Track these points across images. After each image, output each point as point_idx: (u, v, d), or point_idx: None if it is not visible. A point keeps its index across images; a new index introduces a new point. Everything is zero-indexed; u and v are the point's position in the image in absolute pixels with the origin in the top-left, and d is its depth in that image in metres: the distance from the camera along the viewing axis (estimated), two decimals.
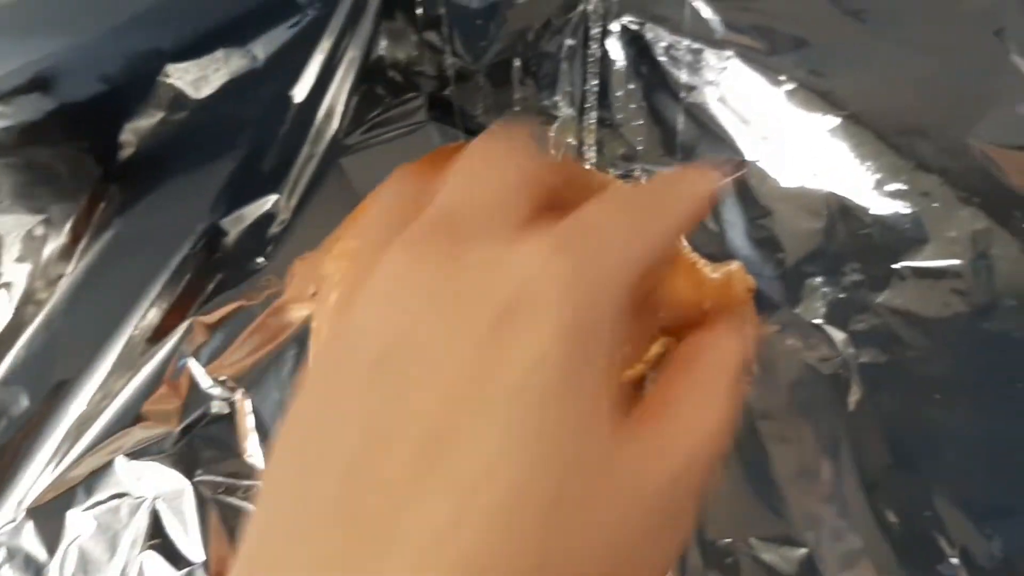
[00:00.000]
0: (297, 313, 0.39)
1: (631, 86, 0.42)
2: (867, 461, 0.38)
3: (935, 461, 0.37)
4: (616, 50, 0.42)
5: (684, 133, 0.41)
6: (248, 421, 0.39)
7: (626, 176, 0.41)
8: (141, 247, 0.41)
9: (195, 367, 0.39)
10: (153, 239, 0.41)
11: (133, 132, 0.42)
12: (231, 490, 0.39)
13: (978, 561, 0.37)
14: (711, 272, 0.37)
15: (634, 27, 0.42)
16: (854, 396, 0.38)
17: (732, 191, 0.41)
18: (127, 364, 0.39)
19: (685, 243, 0.38)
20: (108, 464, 0.39)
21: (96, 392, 0.40)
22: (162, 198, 0.42)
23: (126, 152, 0.42)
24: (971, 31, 0.40)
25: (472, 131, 0.42)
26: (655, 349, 0.37)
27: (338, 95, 0.42)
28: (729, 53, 0.41)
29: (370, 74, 0.42)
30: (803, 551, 0.37)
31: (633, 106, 0.42)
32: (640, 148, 0.41)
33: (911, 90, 0.40)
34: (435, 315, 0.17)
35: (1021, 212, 0.39)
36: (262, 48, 0.42)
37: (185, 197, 0.41)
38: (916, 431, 0.38)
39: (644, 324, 0.37)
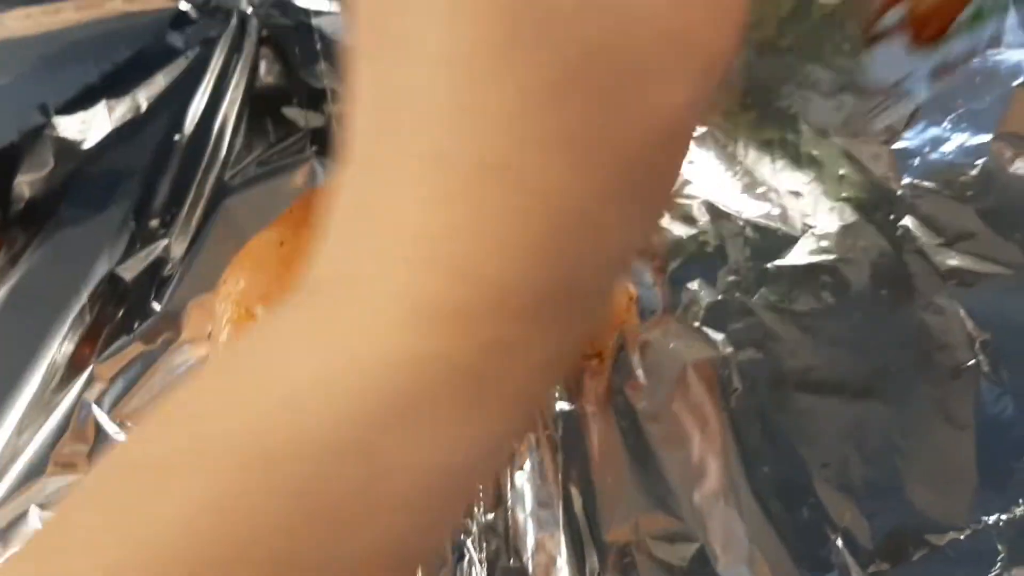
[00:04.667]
0: (194, 353, 0.40)
1: None
2: (751, 454, 0.39)
3: (813, 448, 0.39)
4: None
5: None
6: None
7: None
8: (37, 299, 0.41)
9: (99, 414, 0.40)
10: (49, 290, 0.41)
11: (25, 184, 0.43)
12: None
13: (860, 542, 0.38)
14: None
15: None
16: (735, 393, 0.40)
17: None
18: (30, 415, 0.40)
19: None
20: (23, 515, 0.40)
21: (2, 444, 0.40)
22: (56, 249, 0.42)
23: (19, 205, 0.43)
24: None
25: None
26: None
27: (222, 135, 0.43)
28: None
29: (253, 112, 0.43)
30: (695, 545, 0.39)
31: None
32: None
33: (771, 94, 0.42)
34: None
35: (887, 205, 0.41)
36: (144, 94, 0.43)
37: (80, 246, 0.42)
38: (793, 421, 0.39)
39: None
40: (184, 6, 0.42)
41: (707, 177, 0.42)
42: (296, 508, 0.15)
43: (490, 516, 0.39)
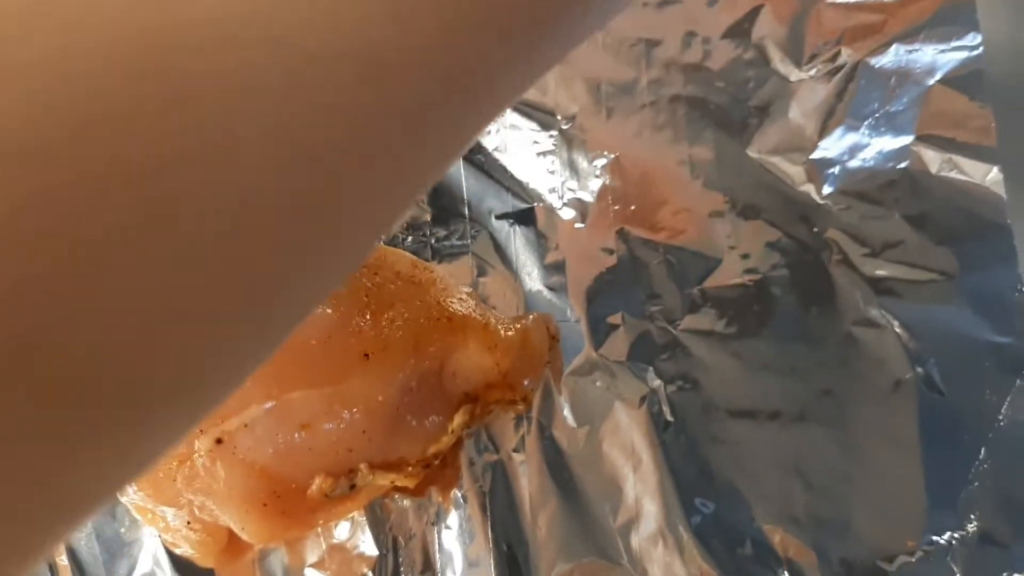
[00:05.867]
0: None
1: None
2: (688, 491, 0.38)
3: (752, 480, 0.37)
4: None
5: (469, 188, 0.41)
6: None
7: (419, 242, 0.41)
8: None
9: None
10: None
11: None
12: None
13: (806, 573, 0.37)
14: (505, 331, 0.37)
15: None
16: (667, 427, 0.38)
17: (524, 238, 0.40)
18: None
19: (475, 305, 0.37)
20: None
21: None
22: None
23: None
24: (731, 47, 0.40)
25: None
26: (459, 419, 0.36)
27: None
28: None
29: None
30: None
31: None
32: (427, 209, 0.41)
33: (682, 110, 0.40)
34: None
35: (809, 218, 0.39)
36: None
37: None
38: (729, 453, 0.38)
39: (441, 397, 0.36)
40: None
41: (623, 203, 0.40)
42: None
43: None
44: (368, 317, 0.35)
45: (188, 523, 0.35)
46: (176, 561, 0.38)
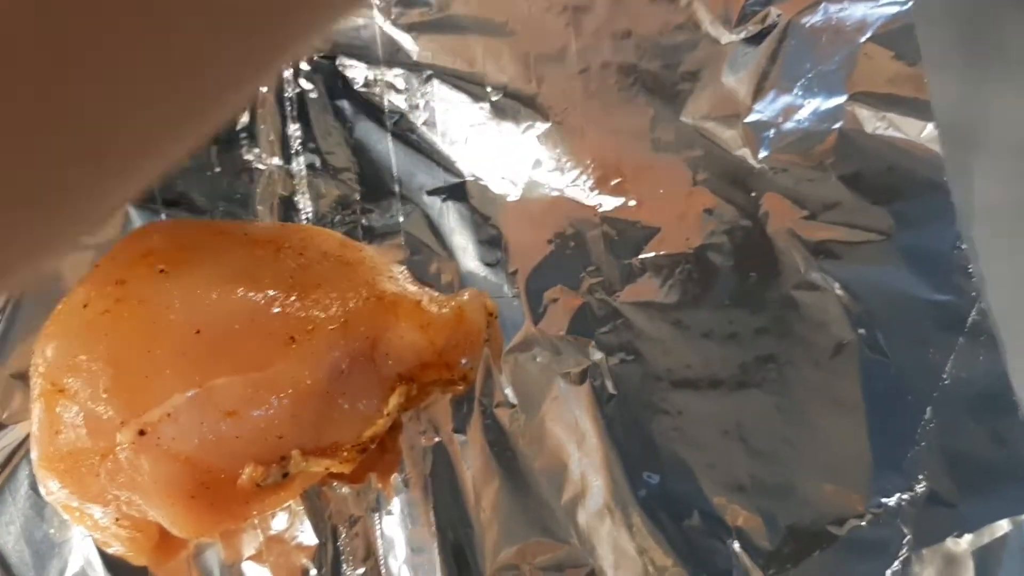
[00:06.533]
0: (19, 432, 0.37)
1: (335, 123, 0.40)
2: (634, 464, 0.37)
3: (696, 450, 0.37)
4: (312, 88, 0.40)
5: (399, 164, 0.40)
6: None
7: (349, 221, 0.40)
8: None
9: None
10: None
11: None
12: None
13: (757, 543, 0.36)
14: (440, 308, 0.36)
15: (326, 61, 0.40)
16: (610, 400, 0.37)
17: (457, 214, 0.39)
18: None
19: (408, 283, 0.36)
20: None
21: None
22: None
23: None
24: (660, 11, 0.39)
25: (172, 202, 0.39)
26: (394, 401, 0.35)
27: None
28: (428, 73, 0.40)
29: None
30: (585, 571, 0.36)
31: (341, 144, 0.40)
32: (356, 187, 0.40)
33: (613, 78, 0.39)
34: None
35: (746, 182, 0.38)
36: None
37: None
38: (673, 423, 0.37)
39: (375, 379, 0.35)
40: None
41: (558, 175, 0.39)
42: None
43: (360, 571, 0.36)
44: (294, 299, 0.34)
45: (117, 520, 0.34)
46: (108, 561, 0.36)
